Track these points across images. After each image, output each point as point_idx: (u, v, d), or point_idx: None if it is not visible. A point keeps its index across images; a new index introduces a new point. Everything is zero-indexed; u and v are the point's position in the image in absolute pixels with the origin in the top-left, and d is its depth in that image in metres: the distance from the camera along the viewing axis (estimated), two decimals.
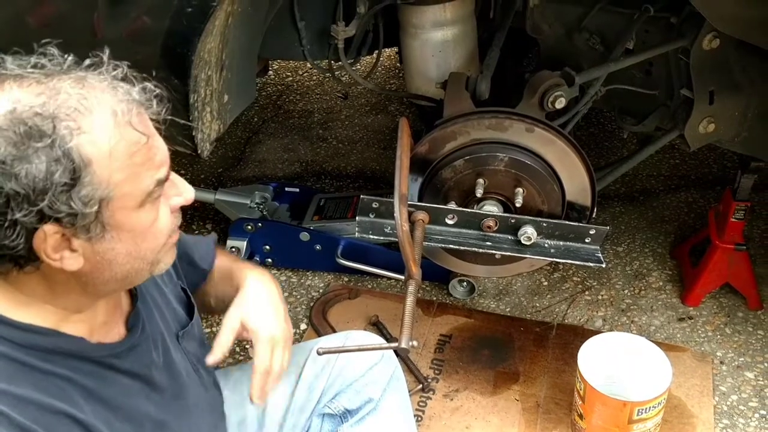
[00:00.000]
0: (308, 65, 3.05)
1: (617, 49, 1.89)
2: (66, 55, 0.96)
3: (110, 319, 1.09)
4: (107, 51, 0.98)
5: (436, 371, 2.08)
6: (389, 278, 2.39)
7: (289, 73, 3.76)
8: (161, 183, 0.99)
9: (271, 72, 3.68)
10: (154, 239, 1.01)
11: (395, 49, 2.49)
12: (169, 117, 1.02)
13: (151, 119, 0.98)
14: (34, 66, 0.93)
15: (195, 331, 1.28)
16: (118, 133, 0.92)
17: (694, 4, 1.61)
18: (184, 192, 1.05)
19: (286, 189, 2.71)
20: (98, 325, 1.06)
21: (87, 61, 0.96)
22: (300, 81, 3.72)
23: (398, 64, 3.62)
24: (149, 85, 1.00)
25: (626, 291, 2.36)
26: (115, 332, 1.10)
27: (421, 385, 2.01)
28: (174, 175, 1.03)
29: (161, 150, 0.99)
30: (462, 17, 1.85)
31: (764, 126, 1.91)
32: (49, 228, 0.90)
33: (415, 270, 1.46)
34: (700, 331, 2.19)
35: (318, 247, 2.41)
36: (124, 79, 0.97)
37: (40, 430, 0.91)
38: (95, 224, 0.93)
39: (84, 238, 0.93)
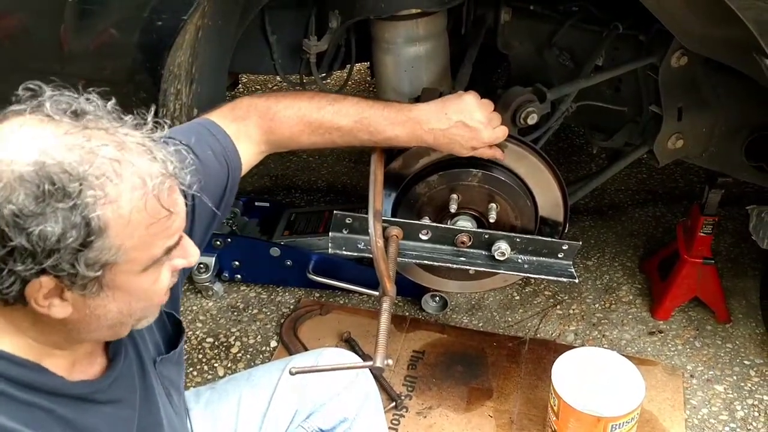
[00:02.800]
0: (278, 78, 3.03)
1: (587, 65, 1.91)
2: (106, 103, 0.93)
3: (93, 349, 1.06)
4: (153, 110, 0.95)
5: (409, 388, 2.06)
6: (361, 294, 2.37)
7: (258, 87, 3.73)
8: (170, 250, 0.96)
9: (240, 86, 3.65)
10: (148, 300, 0.99)
11: (367, 63, 2.48)
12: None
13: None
14: (74, 112, 0.89)
15: (176, 356, 1.25)
16: (143, 204, 0.89)
17: (662, 21, 1.63)
18: (189, 255, 1.02)
19: (256, 203, 2.69)
20: (81, 356, 1.03)
21: (129, 117, 0.93)
22: None
23: (368, 79, 3.63)
24: (189, 156, 0.97)
25: (597, 305, 2.38)
26: (97, 363, 1.07)
27: (393, 403, 1.99)
28: (183, 237, 0.99)
29: (180, 218, 0.96)
30: (434, 33, 1.85)
31: (731, 142, 1.94)
32: (45, 280, 0.87)
33: (390, 287, 1.44)
34: (670, 345, 2.21)
35: (289, 262, 2.38)
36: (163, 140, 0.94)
37: None
38: (93, 283, 0.90)
39: (78, 293, 0.90)
